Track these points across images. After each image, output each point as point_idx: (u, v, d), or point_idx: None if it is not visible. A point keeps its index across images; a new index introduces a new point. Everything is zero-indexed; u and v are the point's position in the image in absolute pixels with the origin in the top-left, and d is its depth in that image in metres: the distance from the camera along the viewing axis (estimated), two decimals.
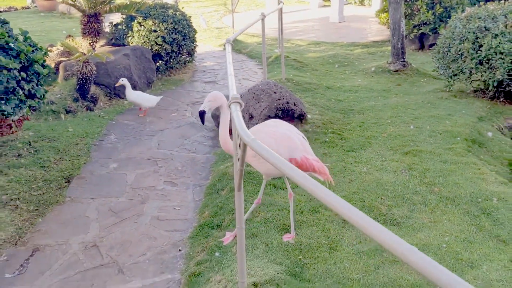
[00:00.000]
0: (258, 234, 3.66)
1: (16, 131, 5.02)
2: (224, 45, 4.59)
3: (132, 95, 6.78)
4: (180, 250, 3.75)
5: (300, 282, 3.07)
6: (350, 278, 3.18)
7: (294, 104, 5.81)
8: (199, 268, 3.37)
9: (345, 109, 6.93)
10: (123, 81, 6.76)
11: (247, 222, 3.79)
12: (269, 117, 5.69)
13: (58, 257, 3.65)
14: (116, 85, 7.00)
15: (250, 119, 5.68)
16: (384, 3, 13.83)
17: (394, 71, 8.95)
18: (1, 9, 18.08)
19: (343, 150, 5.41)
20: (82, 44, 8.43)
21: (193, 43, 9.21)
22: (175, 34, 8.67)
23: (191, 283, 3.24)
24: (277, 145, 3.23)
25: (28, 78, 4.85)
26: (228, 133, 3.29)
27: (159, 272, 3.47)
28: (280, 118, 5.75)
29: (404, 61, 9.00)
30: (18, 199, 4.42)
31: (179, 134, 6.26)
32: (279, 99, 5.71)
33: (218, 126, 6.08)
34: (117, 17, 9.64)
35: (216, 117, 6.15)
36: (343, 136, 5.81)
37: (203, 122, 3.33)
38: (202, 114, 3.22)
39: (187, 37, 8.92)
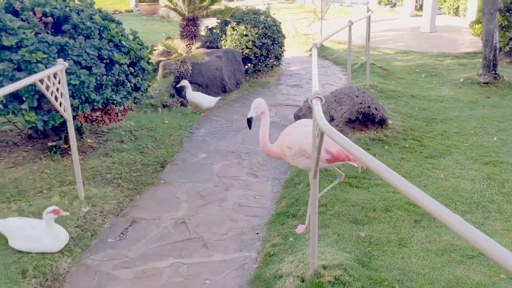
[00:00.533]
0: (331, 225, 3.92)
1: (121, 120, 5.68)
2: (311, 50, 4.91)
3: (192, 95, 7.19)
4: (257, 233, 4.10)
5: (366, 270, 3.29)
6: (416, 272, 3.34)
7: (376, 109, 5.98)
8: (274, 249, 3.70)
9: (428, 117, 6.94)
10: (184, 82, 7.19)
11: (320, 214, 4.06)
12: (350, 120, 5.91)
13: (152, 229, 4.16)
14: (177, 86, 7.40)
15: (331, 121, 5.93)
16: (479, 13, 13.39)
17: (484, 83, 8.73)
18: (110, 12, 19.75)
19: (421, 156, 5.49)
20: (180, 45, 9.15)
21: (281, 48, 9.62)
22: (265, 39, 9.13)
23: (266, 261, 3.58)
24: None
25: (135, 73, 5.49)
26: (267, 137, 3.72)
27: (238, 250, 3.86)
28: (360, 122, 5.95)
29: (496, 74, 8.75)
30: (120, 178, 5.03)
31: None
32: (360, 103, 5.91)
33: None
34: (212, 22, 10.31)
35: (297, 117, 6.46)
36: (423, 143, 5.88)
37: (250, 128, 3.72)
38: (250, 121, 3.60)
39: (276, 42, 9.35)
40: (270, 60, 9.54)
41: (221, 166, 5.48)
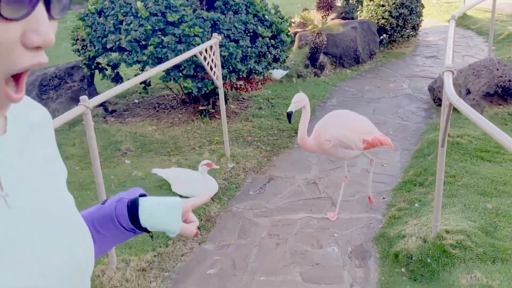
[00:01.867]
0: (457, 195, 4.04)
1: (260, 88, 6.24)
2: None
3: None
4: (383, 198, 4.38)
5: (490, 238, 3.41)
6: None
7: None
8: (399, 213, 3.97)
9: None
10: None
11: (448, 184, 4.19)
12: (488, 93, 5.76)
13: (287, 186, 4.67)
14: None
15: (467, 94, 5.84)
16: None
17: None
18: None
19: None
20: (315, 16, 9.44)
21: (419, 17, 9.41)
22: (402, 8, 9.00)
23: (391, 223, 3.87)
24: (350, 133, 3.75)
25: (275, 45, 5.97)
26: (306, 131, 3.79)
27: (364, 211, 4.19)
28: (499, 96, 5.76)
29: None
30: (259, 140, 5.62)
31: (394, 103, 6.77)
32: (500, 76, 5.72)
33: (434, 99, 6.39)
34: None
35: (432, 90, 6.44)
36: None
37: (290, 122, 3.90)
38: (289, 115, 3.73)
39: (414, 12, 9.16)
40: (407, 31, 9.40)
41: None
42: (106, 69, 6.15)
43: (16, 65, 0.56)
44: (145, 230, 0.99)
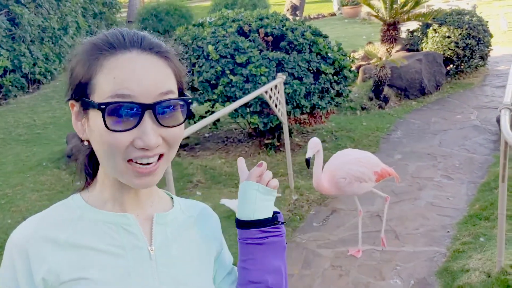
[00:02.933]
0: None
1: (324, 122, 6.45)
2: None
3: None
4: (448, 231, 4.38)
5: None
6: None
7: None
8: (463, 247, 3.96)
9: None
10: None
11: (508, 219, 4.14)
12: None
13: (350, 219, 4.79)
14: None
15: None
16: None
17: None
18: (312, 16, 21.03)
19: None
20: (380, 49, 9.57)
21: (487, 47, 9.26)
22: (469, 39, 8.93)
23: (455, 257, 3.88)
24: (363, 167, 3.95)
25: (338, 81, 6.18)
26: (321, 174, 3.90)
27: (428, 244, 4.22)
28: None
29: None
30: None
31: (461, 135, 6.71)
32: None
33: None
34: (413, 25, 10.42)
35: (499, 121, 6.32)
36: None
37: (309, 167, 4.01)
38: (308, 161, 3.86)
39: (481, 42, 9.05)
40: (475, 61, 9.26)
41: (416, 167, 5.80)
42: None
43: (129, 156, 0.88)
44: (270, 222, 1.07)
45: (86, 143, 0.95)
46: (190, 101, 0.94)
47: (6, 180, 5.72)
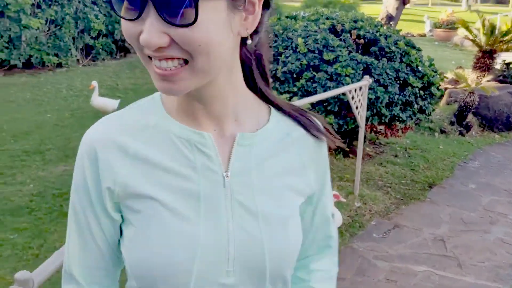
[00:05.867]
0: None
1: (400, 136, 6.24)
2: None
3: (97, 100, 6.87)
4: None
5: None
6: None
7: None
8: None
9: None
10: (94, 83, 6.94)
11: None
12: None
13: (412, 237, 4.59)
14: (90, 88, 7.06)
15: None
16: None
17: None
18: (401, 33, 20.48)
19: None
20: (470, 76, 9.14)
21: None
22: None
23: None
24: None
25: (423, 96, 5.95)
26: None
27: (491, 280, 3.95)
28: None
29: None
30: (390, 187, 5.61)
31: None
32: None
33: None
34: (509, 56, 9.86)
35: None
36: None
37: None
38: None
39: None
40: None
41: (490, 200, 5.47)
42: None
43: (146, 51, 0.73)
44: None
45: None
46: None
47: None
